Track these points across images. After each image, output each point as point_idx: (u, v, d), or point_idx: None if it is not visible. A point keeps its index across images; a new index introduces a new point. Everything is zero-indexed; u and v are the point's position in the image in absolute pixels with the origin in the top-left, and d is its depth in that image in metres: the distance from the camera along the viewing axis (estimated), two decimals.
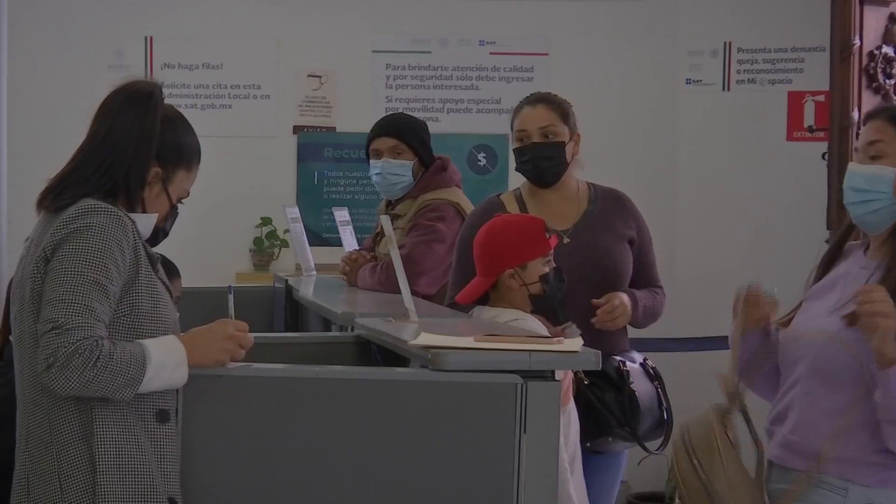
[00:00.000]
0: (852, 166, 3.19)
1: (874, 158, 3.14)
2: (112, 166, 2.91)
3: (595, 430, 3.98)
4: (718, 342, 3.70)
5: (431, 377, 2.85)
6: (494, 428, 2.82)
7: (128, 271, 2.82)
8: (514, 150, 4.24)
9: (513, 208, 4.21)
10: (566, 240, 4.12)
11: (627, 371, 4.03)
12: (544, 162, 4.18)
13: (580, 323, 3.79)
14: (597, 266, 4.11)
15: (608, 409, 3.97)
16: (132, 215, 2.90)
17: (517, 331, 3.34)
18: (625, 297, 4.09)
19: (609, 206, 4.24)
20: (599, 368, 2.98)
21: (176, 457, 2.82)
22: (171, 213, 3.07)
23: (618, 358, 4.07)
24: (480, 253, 3.82)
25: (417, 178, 4.86)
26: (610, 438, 4.01)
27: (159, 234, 3.06)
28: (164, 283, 2.95)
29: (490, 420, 2.82)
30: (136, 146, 2.93)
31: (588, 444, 4.00)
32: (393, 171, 4.85)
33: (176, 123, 3.02)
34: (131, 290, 2.83)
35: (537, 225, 3.84)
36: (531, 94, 4.29)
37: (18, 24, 6.59)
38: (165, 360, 2.77)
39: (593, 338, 4.02)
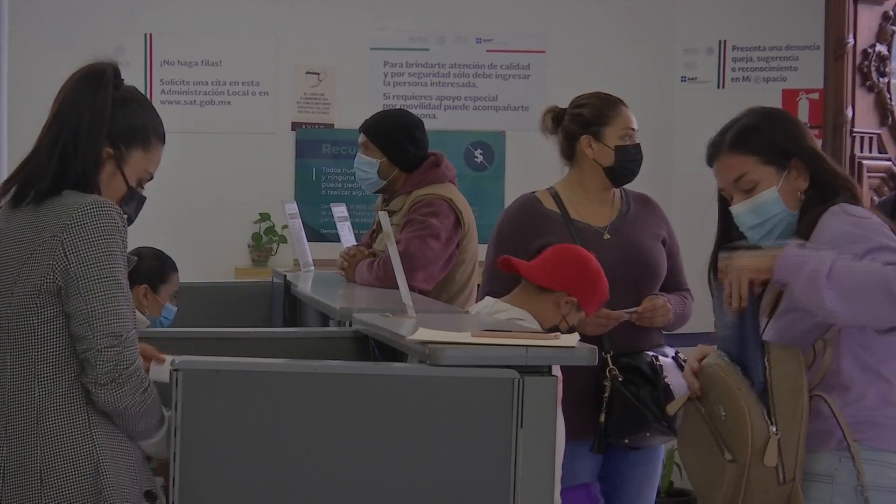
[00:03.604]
0: (736, 208, 3.21)
1: (749, 192, 3.18)
2: (65, 149, 2.88)
3: (633, 427, 4.00)
4: (705, 338, 3.73)
5: (429, 372, 2.86)
6: (491, 422, 2.84)
7: None
8: (617, 146, 4.20)
9: (550, 205, 4.21)
10: (606, 236, 4.16)
11: (661, 365, 4.06)
12: (640, 164, 4.25)
13: None
14: (637, 263, 4.13)
15: (644, 405, 3.99)
16: None
17: (514, 326, 3.36)
18: (664, 299, 4.14)
19: (641, 207, 4.28)
20: (596, 364, 3.00)
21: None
22: (134, 198, 2.99)
23: (650, 353, 4.11)
24: (570, 265, 3.81)
25: (388, 177, 4.90)
26: (648, 433, 4.03)
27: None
28: None
29: (487, 415, 2.83)
30: (86, 125, 2.89)
31: (626, 441, 4.05)
32: (360, 166, 4.97)
33: (131, 103, 2.97)
34: None
35: (606, 294, 3.89)
36: (609, 94, 4.28)
37: (18, 21, 6.62)
38: (165, 445, 2.85)
39: (629, 334, 4.08)
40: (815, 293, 2.91)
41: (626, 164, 4.22)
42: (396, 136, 4.91)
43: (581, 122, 4.23)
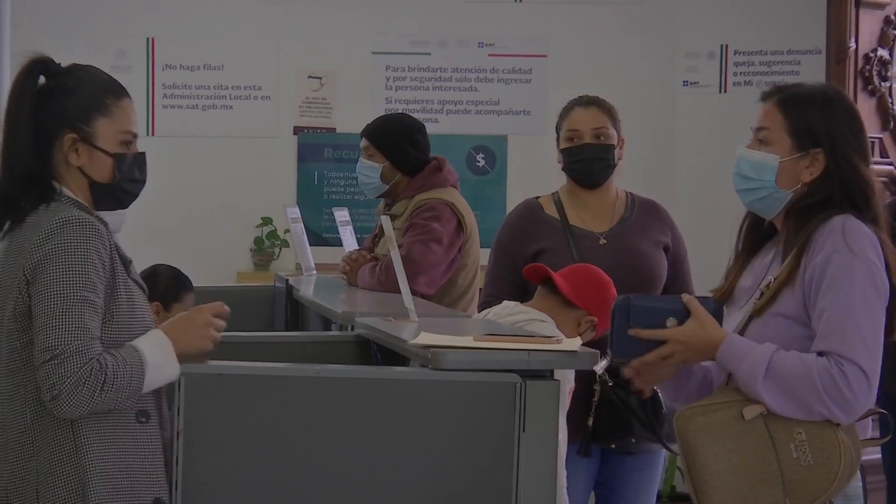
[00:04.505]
0: (742, 151, 3.17)
1: (762, 143, 3.13)
2: (24, 166, 2.82)
3: (618, 431, 3.99)
4: None
5: (431, 376, 2.86)
6: (494, 427, 2.84)
7: (107, 279, 2.78)
8: (563, 149, 4.21)
9: (551, 210, 4.22)
10: (602, 241, 4.16)
11: None
12: (595, 163, 4.19)
13: None
14: (631, 269, 4.11)
15: (631, 411, 3.98)
16: (103, 214, 2.85)
17: (516, 330, 3.37)
18: None
19: (646, 213, 4.26)
20: (597, 367, 3.00)
21: (159, 455, 2.83)
22: (125, 161, 2.90)
23: None
24: (595, 286, 3.80)
25: (391, 181, 4.91)
26: (633, 439, 4.03)
27: (128, 187, 2.92)
28: (136, 282, 2.90)
29: (489, 419, 2.84)
30: (22, 140, 2.83)
31: (613, 446, 4.04)
32: (363, 171, 4.98)
33: (71, 85, 2.89)
34: (111, 298, 2.79)
35: None
36: (580, 96, 4.28)
37: (21, 25, 6.62)
38: (159, 360, 2.77)
39: None
40: (752, 389, 2.93)
41: (570, 165, 4.21)
42: (398, 140, 4.92)
43: (556, 129, 4.29)
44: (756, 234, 3.24)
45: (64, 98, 2.87)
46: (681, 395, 3.21)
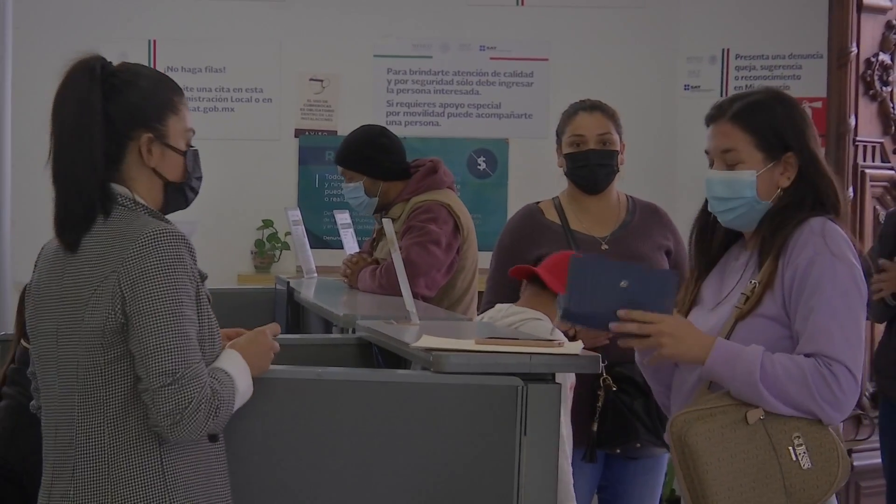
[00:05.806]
0: (711, 174, 3.16)
1: (731, 165, 3.13)
2: (89, 177, 2.71)
3: (623, 437, 4.00)
4: None
5: (433, 379, 2.86)
6: (495, 430, 2.84)
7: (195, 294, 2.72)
8: (566, 154, 4.21)
9: (552, 215, 4.22)
10: (604, 246, 4.16)
11: None
12: (600, 169, 4.19)
13: None
14: None
15: (636, 416, 3.98)
16: (176, 223, 2.78)
17: (518, 333, 3.37)
18: None
19: (647, 216, 4.26)
20: (600, 372, 3.00)
21: (225, 472, 2.78)
22: (193, 158, 2.86)
23: None
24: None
25: (377, 192, 4.91)
26: (638, 444, 4.03)
27: (195, 185, 2.90)
28: (207, 296, 2.81)
29: (491, 422, 2.84)
30: (100, 137, 2.72)
31: (618, 451, 4.04)
32: (349, 195, 5.01)
33: (138, 79, 2.79)
34: (197, 314, 2.72)
35: None
36: (583, 101, 4.28)
37: (23, 27, 6.62)
38: (244, 387, 2.73)
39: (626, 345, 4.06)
40: (751, 390, 2.95)
41: (574, 171, 4.22)
42: (365, 153, 4.92)
43: (556, 133, 4.28)
44: (715, 240, 3.27)
45: (136, 98, 2.77)
46: (662, 383, 3.24)
